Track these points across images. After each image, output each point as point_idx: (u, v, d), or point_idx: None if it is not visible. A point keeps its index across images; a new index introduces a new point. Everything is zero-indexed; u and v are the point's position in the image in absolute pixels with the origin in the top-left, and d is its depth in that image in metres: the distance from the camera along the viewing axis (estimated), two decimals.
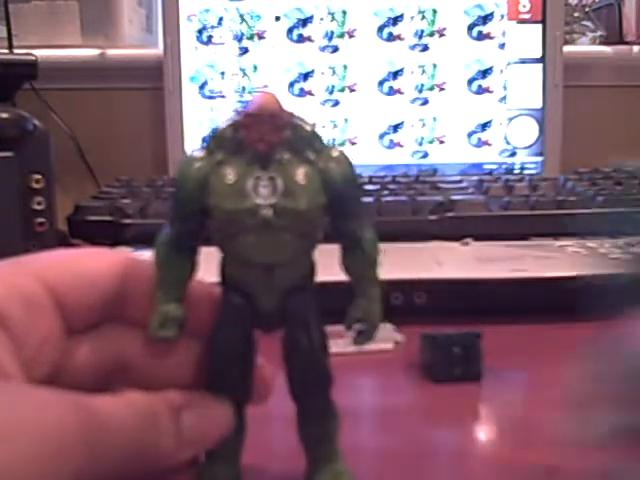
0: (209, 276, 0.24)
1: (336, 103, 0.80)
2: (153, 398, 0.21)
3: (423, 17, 0.79)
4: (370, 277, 0.24)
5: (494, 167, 0.79)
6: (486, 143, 0.80)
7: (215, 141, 0.23)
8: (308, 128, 0.23)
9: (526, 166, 0.80)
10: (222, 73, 0.80)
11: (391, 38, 0.79)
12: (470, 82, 0.80)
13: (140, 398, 0.21)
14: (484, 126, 0.80)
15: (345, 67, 0.80)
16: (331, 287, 0.25)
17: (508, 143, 0.80)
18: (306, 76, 0.80)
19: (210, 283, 0.24)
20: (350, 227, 0.24)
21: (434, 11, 0.79)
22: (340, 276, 0.24)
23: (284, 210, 0.22)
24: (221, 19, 0.80)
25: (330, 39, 0.79)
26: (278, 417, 0.22)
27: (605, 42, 0.92)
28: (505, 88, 0.80)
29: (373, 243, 0.24)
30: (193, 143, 0.81)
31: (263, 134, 0.22)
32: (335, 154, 0.23)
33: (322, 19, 0.79)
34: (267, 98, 0.22)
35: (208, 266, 0.24)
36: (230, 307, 0.24)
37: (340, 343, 0.29)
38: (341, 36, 0.79)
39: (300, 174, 0.22)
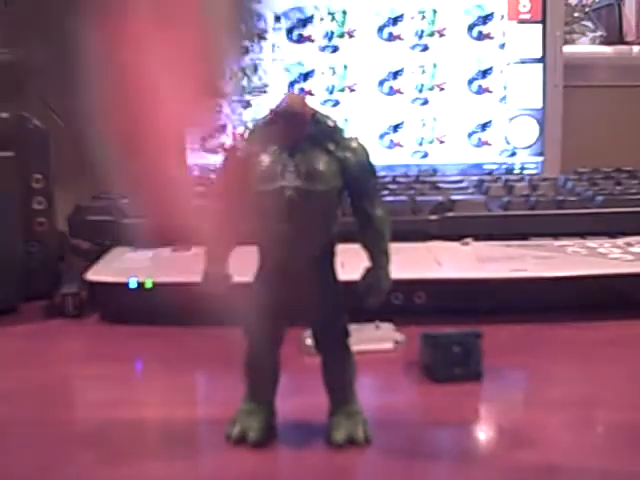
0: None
1: (336, 103, 0.80)
2: None
3: (423, 17, 0.79)
4: (380, 248, 0.28)
5: (494, 167, 0.79)
6: (486, 143, 0.80)
7: (254, 134, 0.28)
8: (330, 123, 0.27)
9: (526, 166, 0.80)
10: None
11: (391, 38, 0.79)
12: (470, 82, 0.80)
13: None
14: (484, 126, 0.80)
15: (345, 67, 0.80)
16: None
17: (508, 143, 0.80)
18: (306, 76, 0.80)
19: None
20: (363, 206, 0.28)
21: (434, 11, 0.79)
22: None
23: (304, 191, 0.26)
24: None
25: (330, 39, 0.79)
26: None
27: (605, 42, 0.91)
28: (505, 88, 0.80)
29: (383, 220, 0.28)
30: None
31: (288, 130, 0.27)
32: (352, 145, 0.27)
33: (322, 19, 0.79)
34: (293, 99, 0.26)
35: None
36: (264, 268, 0.28)
37: None
38: (341, 36, 0.79)
39: (320, 162, 0.27)
